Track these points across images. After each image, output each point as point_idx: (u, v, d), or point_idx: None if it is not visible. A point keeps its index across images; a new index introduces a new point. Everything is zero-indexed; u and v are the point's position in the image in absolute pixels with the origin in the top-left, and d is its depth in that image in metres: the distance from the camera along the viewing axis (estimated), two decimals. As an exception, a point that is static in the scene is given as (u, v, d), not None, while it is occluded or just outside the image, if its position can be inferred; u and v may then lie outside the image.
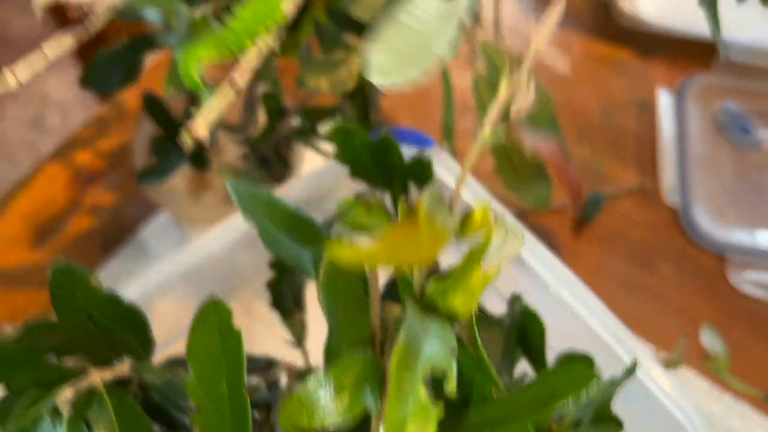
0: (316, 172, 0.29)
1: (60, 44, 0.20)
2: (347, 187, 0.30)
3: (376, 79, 0.18)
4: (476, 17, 0.42)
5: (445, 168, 0.28)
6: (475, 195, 0.27)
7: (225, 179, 0.46)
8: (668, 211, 0.59)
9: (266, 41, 0.24)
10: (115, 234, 0.56)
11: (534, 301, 0.27)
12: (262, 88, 0.45)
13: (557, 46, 0.69)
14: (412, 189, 0.30)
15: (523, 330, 0.27)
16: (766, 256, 0.56)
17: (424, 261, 0.16)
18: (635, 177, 0.61)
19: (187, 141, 0.19)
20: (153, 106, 0.43)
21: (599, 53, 0.68)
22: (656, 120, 0.63)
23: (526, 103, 0.17)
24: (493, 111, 0.17)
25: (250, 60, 0.24)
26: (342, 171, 0.27)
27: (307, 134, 0.44)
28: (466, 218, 0.17)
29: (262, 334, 0.33)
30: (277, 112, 0.43)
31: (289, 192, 0.28)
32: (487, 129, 0.17)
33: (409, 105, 0.60)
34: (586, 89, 0.66)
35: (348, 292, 0.22)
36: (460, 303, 0.17)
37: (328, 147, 0.55)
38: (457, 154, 0.53)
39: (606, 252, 0.58)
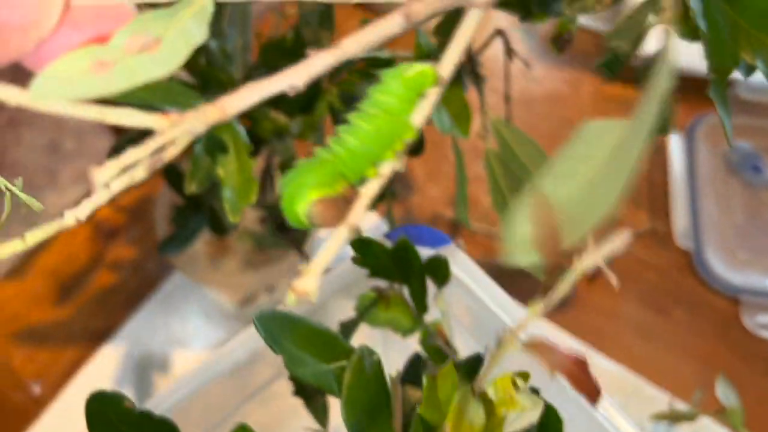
0: (336, 271, 0.29)
1: (130, 180, 0.18)
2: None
3: (517, 256, 0.15)
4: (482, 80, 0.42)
5: (461, 267, 0.29)
6: (497, 302, 0.28)
7: (244, 244, 0.47)
8: (681, 253, 0.59)
9: (392, 164, 0.19)
10: (138, 289, 0.57)
11: (549, 395, 0.27)
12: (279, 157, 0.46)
13: (568, 87, 0.70)
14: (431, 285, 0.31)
15: (542, 423, 0.28)
16: (780, 298, 0.56)
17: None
18: (647, 219, 0.61)
19: (291, 300, 0.17)
20: (173, 176, 0.44)
21: (609, 93, 0.68)
22: (667, 160, 0.64)
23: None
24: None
25: (370, 190, 0.18)
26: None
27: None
28: (491, 389, 0.18)
29: (289, 415, 0.34)
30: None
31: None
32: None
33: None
34: (596, 129, 0.66)
35: (371, 409, 0.23)
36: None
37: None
38: (470, 205, 0.54)
39: (620, 297, 0.58)
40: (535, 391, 0.29)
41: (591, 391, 0.18)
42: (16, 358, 0.55)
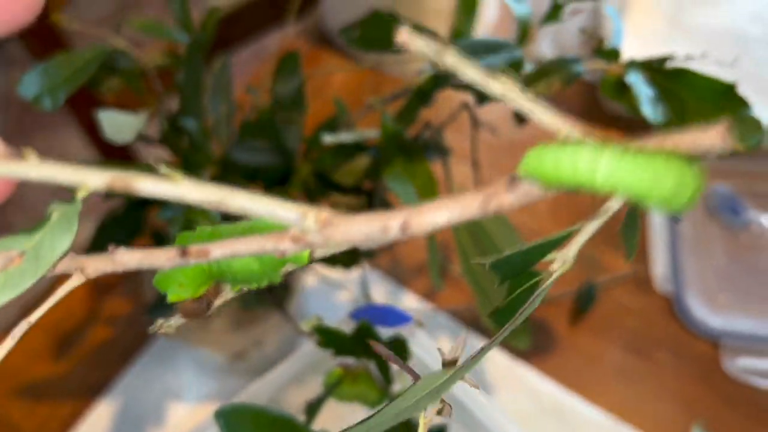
0: (303, 349, 0.31)
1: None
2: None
3: None
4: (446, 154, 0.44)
5: (420, 346, 0.30)
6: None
7: (230, 304, 0.49)
8: (662, 297, 0.61)
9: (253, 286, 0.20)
10: (132, 342, 0.59)
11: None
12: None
13: (553, 132, 0.72)
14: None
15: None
16: (759, 341, 0.57)
17: None
18: (628, 264, 0.63)
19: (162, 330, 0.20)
20: (160, 242, 0.46)
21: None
22: (647, 204, 0.65)
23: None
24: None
25: (227, 296, 0.22)
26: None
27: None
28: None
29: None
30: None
31: (279, 374, 0.31)
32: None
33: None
34: (578, 174, 0.68)
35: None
36: None
37: (327, 270, 0.57)
38: (453, 252, 0.55)
39: (602, 341, 0.59)
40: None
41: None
42: (16, 412, 0.56)
